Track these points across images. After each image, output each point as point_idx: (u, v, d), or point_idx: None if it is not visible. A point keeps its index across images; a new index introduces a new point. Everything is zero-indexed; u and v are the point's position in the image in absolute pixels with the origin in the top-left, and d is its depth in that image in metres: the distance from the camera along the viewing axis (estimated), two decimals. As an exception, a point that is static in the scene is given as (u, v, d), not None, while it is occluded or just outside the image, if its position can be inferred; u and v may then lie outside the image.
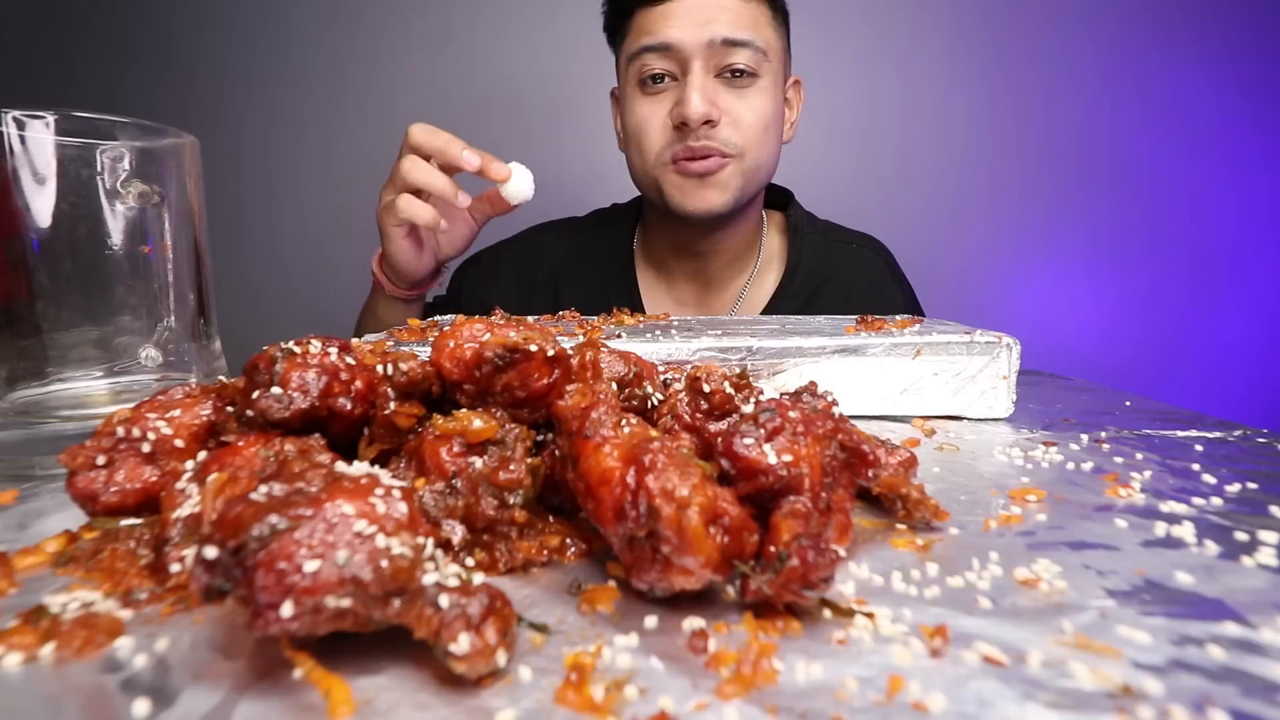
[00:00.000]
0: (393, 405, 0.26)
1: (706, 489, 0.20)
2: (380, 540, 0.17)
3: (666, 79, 0.75)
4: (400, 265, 0.73)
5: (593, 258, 0.94)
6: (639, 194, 0.95)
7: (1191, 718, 0.15)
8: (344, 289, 1.09)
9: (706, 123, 0.73)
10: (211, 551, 0.17)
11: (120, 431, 0.25)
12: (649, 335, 0.47)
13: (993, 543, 0.25)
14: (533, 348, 0.25)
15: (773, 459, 0.22)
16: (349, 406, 0.25)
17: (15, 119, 0.34)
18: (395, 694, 0.17)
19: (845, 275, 0.89)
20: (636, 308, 0.89)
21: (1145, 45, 1.40)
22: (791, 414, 0.24)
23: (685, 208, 0.78)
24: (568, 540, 0.24)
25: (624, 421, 0.23)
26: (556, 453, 0.25)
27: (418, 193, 0.69)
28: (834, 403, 0.27)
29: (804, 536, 0.20)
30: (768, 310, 0.87)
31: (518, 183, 0.68)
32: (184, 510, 0.22)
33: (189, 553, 0.21)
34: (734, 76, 0.74)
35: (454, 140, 0.67)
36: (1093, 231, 1.45)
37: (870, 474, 0.27)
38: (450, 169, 0.69)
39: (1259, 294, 1.47)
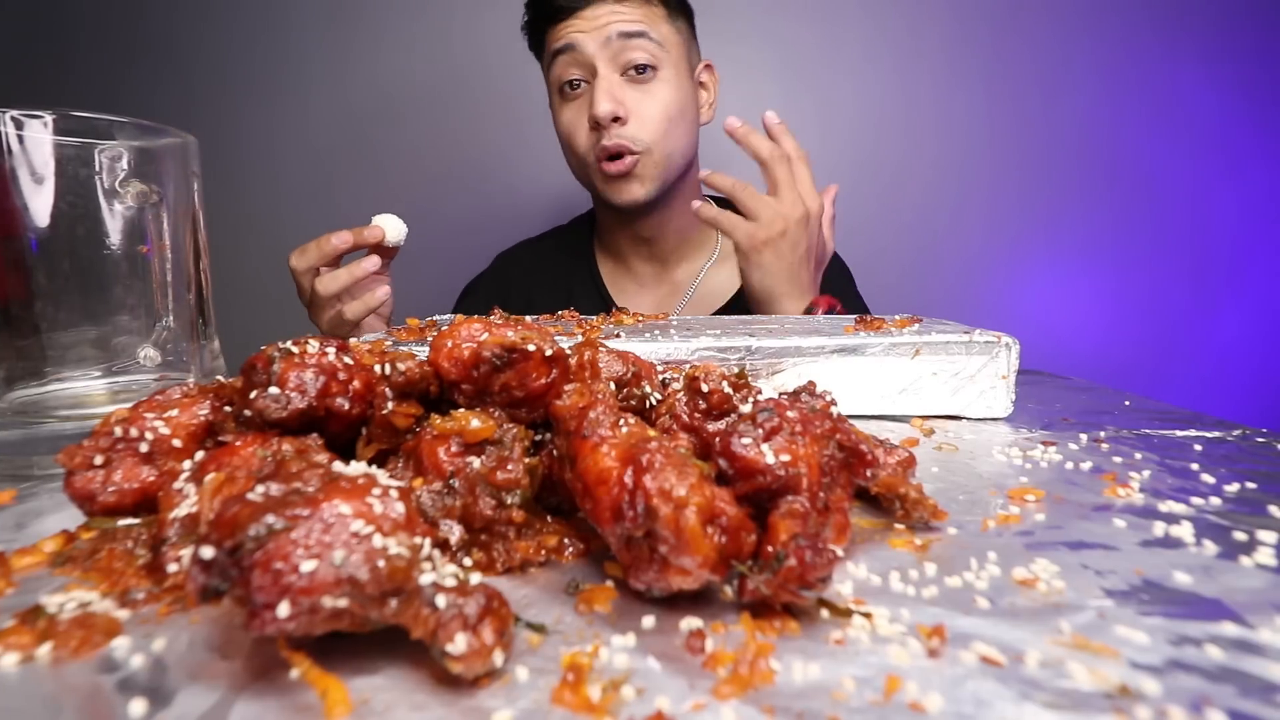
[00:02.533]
0: (390, 405, 0.26)
1: (704, 489, 0.20)
2: (377, 540, 0.17)
3: (581, 84, 0.85)
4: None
5: (557, 260, 1.03)
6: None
7: (1189, 718, 0.15)
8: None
9: (616, 119, 0.82)
10: (208, 551, 0.17)
11: (118, 431, 0.25)
12: (647, 335, 0.47)
13: (991, 542, 0.25)
14: (530, 347, 0.25)
15: (770, 459, 0.22)
16: (347, 406, 0.25)
17: (13, 119, 0.34)
18: (392, 694, 0.17)
19: None
20: (603, 294, 0.97)
21: (1145, 45, 1.40)
22: (789, 414, 0.24)
23: (614, 201, 0.87)
24: (565, 540, 0.24)
25: (622, 421, 0.23)
26: (554, 452, 0.25)
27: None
28: (832, 402, 0.27)
29: (802, 536, 0.20)
30: (731, 305, 0.92)
31: (395, 232, 0.74)
32: (181, 510, 0.22)
33: (186, 553, 0.21)
34: (637, 73, 0.83)
35: (323, 240, 0.72)
36: (1093, 231, 1.45)
37: (869, 474, 0.27)
38: (337, 259, 0.74)
39: (1259, 294, 1.47)
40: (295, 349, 0.25)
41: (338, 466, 0.20)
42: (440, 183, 1.46)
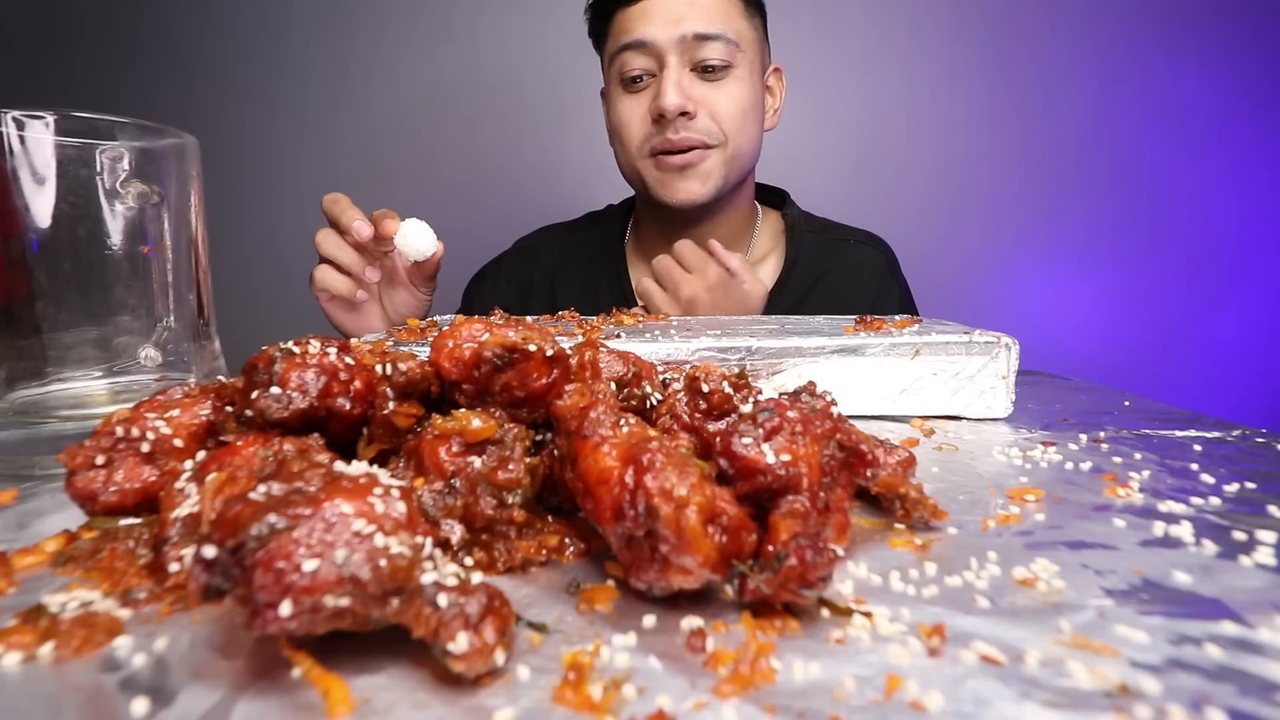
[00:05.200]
0: (391, 405, 0.26)
1: (705, 488, 0.20)
2: (379, 539, 0.17)
3: (646, 77, 0.79)
4: (336, 326, 0.73)
5: (585, 255, 0.96)
6: (633, 193, 0.96)
7: (1189, 717, 0.15)
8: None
9: (684, 114, 0.76)
10: (210, 551, 0.17)
11: (119, 431, 0.25)
12: (648, 335, 0.47)
13: (991, 542, 0.25)
14: (531, 347, 0.25)
15: (771, 458, 0.22)
16: (348, 406, 0.25)
17: (15, 119, 0.34)
18: (394, 693, 0.17)
19: (843, 270, 0.90)
20: (629, 302, 0.91)
21: (1145, 45, 1.40)
22: (790, 414, 0.24)
23: (667, 199, 0.81)
24: (566, 540, 0.24)
25: (622, 421, 0.23)
26: (555, 452, 0.25)
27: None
28: (833, 402, 0.27)
29: (802, 536, 0.20)
30: (764, 306, 0.88)
31: (404, 238, 0.64)
32: (183, 510, 0.22)
33: (188, 552, 0.21)
34: (707, 71, 0.77)
35: (348, 211, 0.65)
36: (1093, 231, 1.45)
37: (869, 474, 0.27)
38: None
39: (1259, 294, 1.47)
40: (296, 349, 0.25)
41: (339, 466, 0.20)
42: (441, 183, 1.46)
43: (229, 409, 0.25)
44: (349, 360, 0.26)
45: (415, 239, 0.64)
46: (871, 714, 0.16)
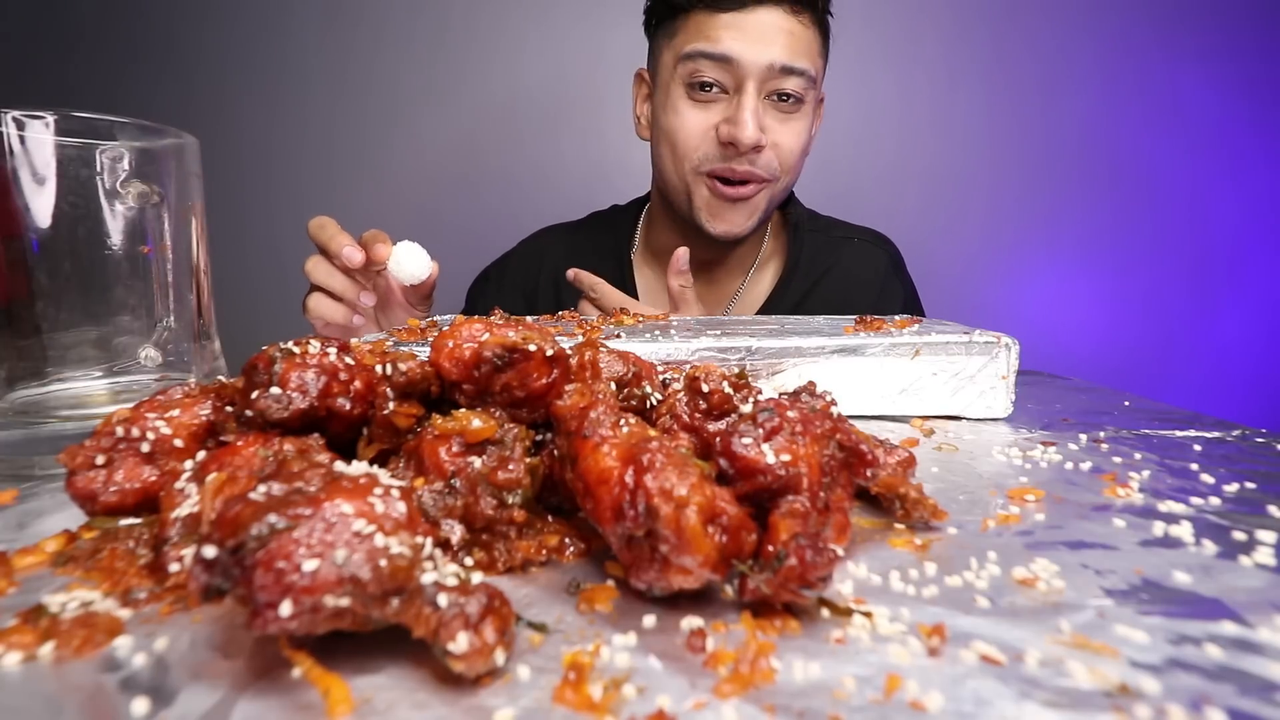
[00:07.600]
0: (391, 405, 0.26)
1: (705, 488, 0.20)
2: (379, 539, 0.17)
3: (716, 89, 0.75)
4: None
5: (590, 258, 0.95)
6: (639, 195, 0.95)
7: (1189, 717, 0.15)
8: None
9: (755, 148, 0.74)
10: (210, 551, 0.17)
11: (119, 431, 0.25)
12: (648, 335, 0.47)
13: (991, 542, 0.25)
14: (531, 347, 0.25)
15: (771, 458, 0.22)
16: (348, 406, 0.25)
17: (15, 119, 0.34)
18: (394, 693, 0.17)
19: (845, 269, 0.89)
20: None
21: (1145, 45, 1.40)
22: (790, 414, 0.24)
23: (711, 229, 0.80)
24: (566, 540, 0.24)
25: (622, 421, 0.23)
26: (555, 452, 0.25)
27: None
28: (832, 402, 0.27)
29: (802, 536, 0.20)
30: (766, 306, 0.88)
31: (398, 262, 0.62)
32: (183, 510, 0.22)
33: (188, 552, 0.21)
34: (781, 100, 0.75)
35: (336, 236, 0.62)
36: (1093, 231, 1.45)
37: (869, 474, 0.27)
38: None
39: (1259, 294, 1.47)
40: (296, 349, 0.25)
41: (339, 466, 0.20)
42: (441, 183, 1.46)
43: (229, 409, 0.25)
44: (349, 360, 0.26)
45: (409, 263, 0.62)
46: (871, 714, 0.16)
